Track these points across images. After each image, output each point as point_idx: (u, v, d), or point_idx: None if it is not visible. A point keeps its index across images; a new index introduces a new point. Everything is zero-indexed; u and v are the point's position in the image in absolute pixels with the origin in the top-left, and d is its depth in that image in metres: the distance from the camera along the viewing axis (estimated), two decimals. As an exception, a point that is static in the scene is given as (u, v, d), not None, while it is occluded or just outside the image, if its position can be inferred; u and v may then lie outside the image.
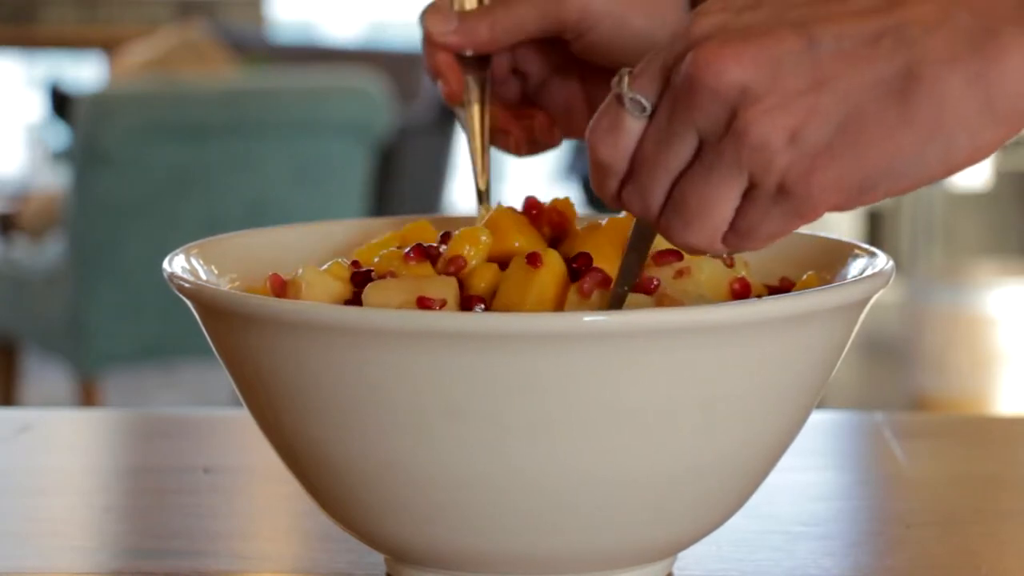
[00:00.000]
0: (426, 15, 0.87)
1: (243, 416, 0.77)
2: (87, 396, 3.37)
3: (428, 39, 0.86)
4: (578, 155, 4.75)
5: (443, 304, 0.72)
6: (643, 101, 0.65)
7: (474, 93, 0.86)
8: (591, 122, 0.67)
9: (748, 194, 0.65)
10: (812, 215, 0.66)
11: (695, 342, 0.67)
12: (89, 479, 0.99)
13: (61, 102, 4.06)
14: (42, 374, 4.18)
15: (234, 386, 0.74)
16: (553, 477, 0.68)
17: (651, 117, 0.66)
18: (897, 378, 3.99)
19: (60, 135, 4.64)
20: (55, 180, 4.54)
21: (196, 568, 0.81)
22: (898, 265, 0.78)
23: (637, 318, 0.66)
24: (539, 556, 0.71)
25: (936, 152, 0.64)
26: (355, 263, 0.79)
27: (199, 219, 3.25)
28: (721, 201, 0.65)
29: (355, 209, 3.40)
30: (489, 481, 0.68)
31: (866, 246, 0.79)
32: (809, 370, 0.71)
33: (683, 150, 0.65)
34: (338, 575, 0.80)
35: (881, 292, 0.73)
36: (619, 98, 0.66)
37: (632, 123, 0.66)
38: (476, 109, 0.86)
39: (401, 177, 3.99)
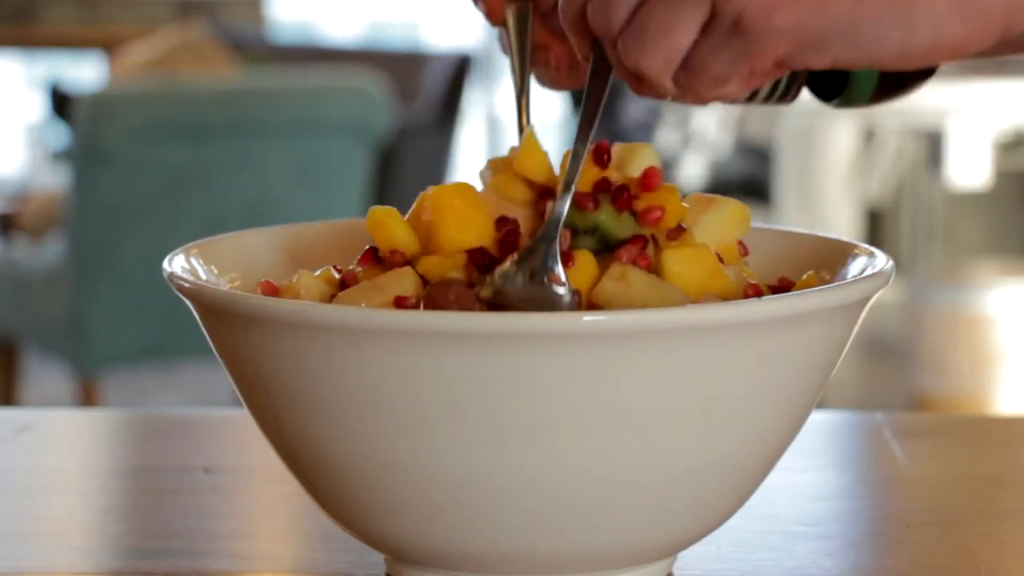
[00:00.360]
0: None
1: (243, 416, 0.77)
2: (87, 396, 3.37)
3: None
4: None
5: (418, 300, 0.72)
6: None
7: (516, 20, 0.85)
8: None
9: (705, 27, 0.66)
10: (760, 60, 0.66)
11: (695, 342, 0.67)
12: (89, 479, 0.99)
13: (61, 102, 4.06)
14: (42, 374, 4.18)
15: (234, 386, 0.74)
16: (553, 477, 0.68)
17: None
18: (897, 378, 3.98)
19: (60, 135, 4.64)
20: (55, 180, 4.54)
21: (196, 568, 0.81)
22: (898, 265, 0.78)
23: (637, 318, 0.66)
24: (539, 556, 0.71)
25: (897, 29, 0.64)
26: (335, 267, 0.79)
27: (199, 219, 3.25)
28: (681, 25, 0.66)
29: (355, 209, 3.40)
30: (489, 481, 0.68)
31: (866, 246, 0.79)
32: (809, 370, 0.71)
33: None
34: (338, 575, 0.80)
35: (881, 292, 0.73)
36: None
37: None
38: (516, 34, 0.85)
39: (401, 177, 3.99)
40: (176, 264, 0.77)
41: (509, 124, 6.34)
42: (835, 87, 0.80)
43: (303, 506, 0.84)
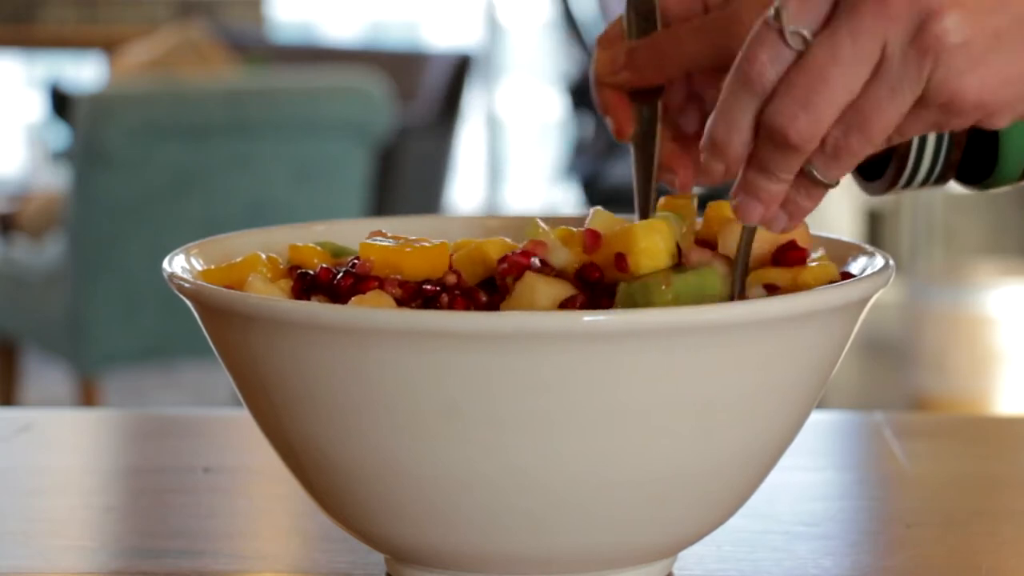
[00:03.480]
0: (595, 51, 0.84)
1: (243, 416, 0.77)
2: (87, 396, 3.36)
3: (597, 78, 0.84)
4: (578, 155, 4.75)
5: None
6: (805, 33, 0.66)
7: (644, 125, 0.84)
8: (743, 50, 0.67)
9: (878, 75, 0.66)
10: (954, 126, 0.67)
11: (695, 342, 0.67)
12: (89, 479, 0.99)
13: (61, 102, 4.06)
14: (42, 374, 4.18)
15: (234, 386, 0.74)
16: (553, 477, 0.68)
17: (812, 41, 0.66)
18: (897, 378, 3.98)
19: (60, 135, 4.64)
20: (55, 180, 4.54)
21: (196, 568, 0.81)
22: (898, 265, 0.78)
23: (637, 318, 0.66)
24: (539, 556, 0.71)
25: None
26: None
27: (199, 219, 3.25)
28: (900, 112, 0.66)
29: (355, 209, 3.40)
30: (489, 481, 0.68)
31: (866, 246, 0.79)
32: (809, 370, 0.71)
33: (862, 67, 0.66)
34: (338, 575, 0.80)
35: (881, 292, 0.73)
36: (780, 32, 0.66)
37: (788, 55, 0.66)
38: (643, 146, 0.84)
39: (401, 177, 3.99)
40: (176, 264, 0.77)
41: (509, 125, 6.34)
42: (979, 171, 0.82)
43: (303, 506, 0.84)
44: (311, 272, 0.76)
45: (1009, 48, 0.66)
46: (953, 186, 0.84)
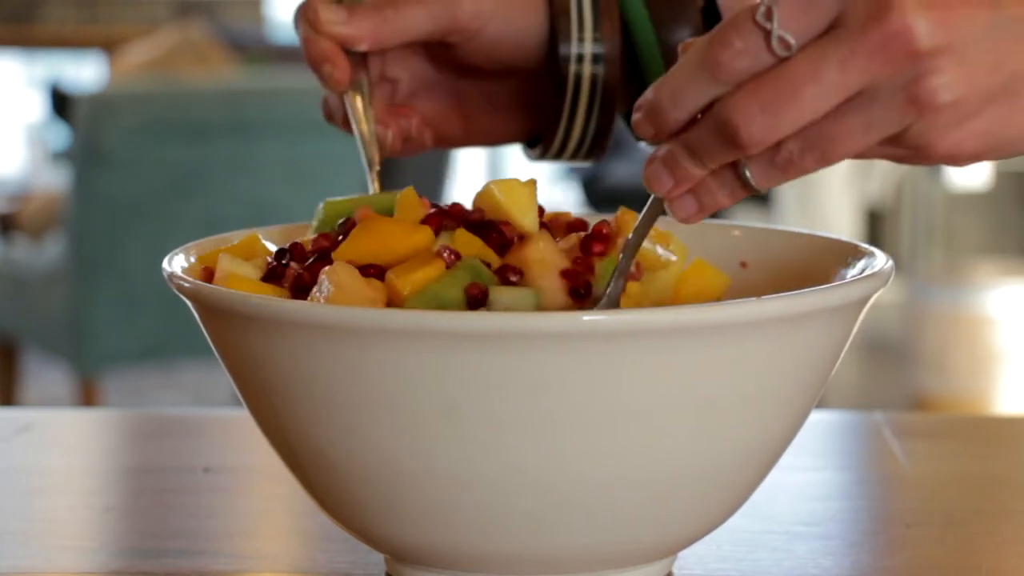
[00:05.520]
0: (314, 3, 0.86)
1: (243, 416, 0.77)
2: (87, 396, 3.36)
3: (315, 27, 0.86)
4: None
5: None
6: (792, 42, 0.64)
7: (360, 83, 0.87)
8: (716, 32, 0.64)
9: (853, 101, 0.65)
10: (922, 161, 0.68)
11: (694, 342, 0.67)
12: (89, 479, 0.99)
13: (61, 102, 4.06)
14: (42, 374, 4.18)
15: (234, 386, 0.74)
16: (553, 477, 0.68)
17: (798, 51, 0.64)
18: (897, 378, 3.98)
19: (60, 135, 4.64)
20: (55, 180, 4.54)
21: (196, 568, 0.81)
22: (898, 265, 0.78)
23: (637, 318, 0.66)
24: (539, 556, 0.71)
25: None
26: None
27: (199, 219, 3.25)
28: (867, 145, 0.65)
29: (355, 209, 3.40)
30: (488, 481, 0.68)
31: (866, 246, 0.79)
32: (809, 370, 0.71)
33: (840, 95, 0.64)
34: (338, 575, 0.80)
35: (881, 292, 0.73)
36: (766, 33, 0.64)
37: (766, 57, 0.64)
38: (361, 99, 0.87)
39: (401, 177, 3.99)
40: (176, 264, 0.77)
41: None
42: None
43: (303, 506, 0.84)
44: (284, 248, 0.77)
45: (995, 109, 0.65)
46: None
